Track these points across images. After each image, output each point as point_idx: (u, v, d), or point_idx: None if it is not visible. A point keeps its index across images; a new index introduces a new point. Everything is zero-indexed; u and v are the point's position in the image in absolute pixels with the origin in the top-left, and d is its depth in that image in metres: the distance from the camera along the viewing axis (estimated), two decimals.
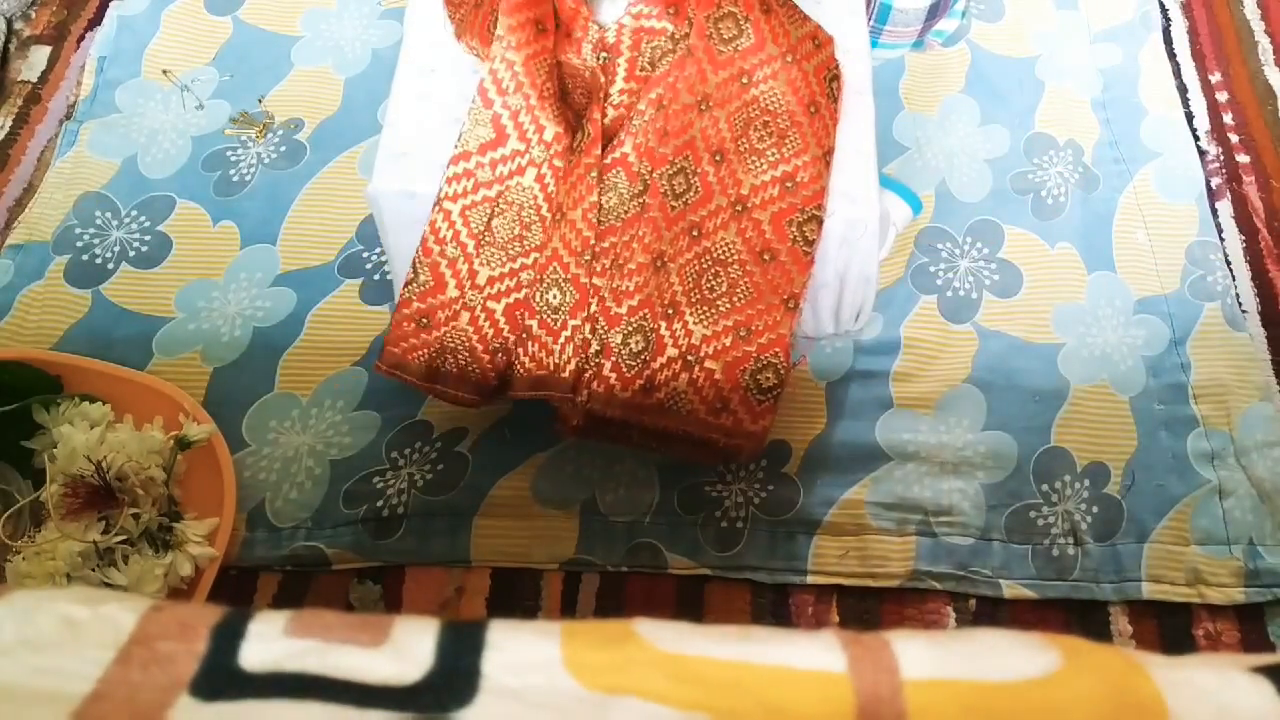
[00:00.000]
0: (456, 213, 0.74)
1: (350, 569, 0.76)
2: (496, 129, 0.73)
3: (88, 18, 1.06)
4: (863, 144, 0.77)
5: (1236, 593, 0.75)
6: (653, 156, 0.72)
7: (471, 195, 0.74)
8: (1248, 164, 0.96)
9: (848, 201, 0.74)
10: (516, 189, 0.74)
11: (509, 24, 0.71)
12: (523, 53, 0.71)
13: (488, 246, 0.74)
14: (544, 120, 0.72)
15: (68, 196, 0.92)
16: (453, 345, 0.74)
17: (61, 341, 0.84)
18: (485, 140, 0.73)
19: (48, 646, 0.32)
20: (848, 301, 0.81)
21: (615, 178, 0.72)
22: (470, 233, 0.74)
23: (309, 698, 0.31)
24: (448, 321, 0.74)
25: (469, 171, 0.73)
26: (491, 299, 0.74)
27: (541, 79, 0.72)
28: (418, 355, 0.74)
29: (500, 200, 0.73)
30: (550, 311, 0.72)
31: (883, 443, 0.81)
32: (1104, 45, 1.03)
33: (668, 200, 0.72)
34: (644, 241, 0.71)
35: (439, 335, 0.74)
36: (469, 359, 0.74)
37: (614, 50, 0.74)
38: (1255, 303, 0.88)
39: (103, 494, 0.70)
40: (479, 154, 0.73)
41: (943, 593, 0.76)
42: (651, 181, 0.72)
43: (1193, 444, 0.81)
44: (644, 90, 0.73)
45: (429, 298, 0.74)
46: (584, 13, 0.75)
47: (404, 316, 0.74)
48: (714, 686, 0.32)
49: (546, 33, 0.72)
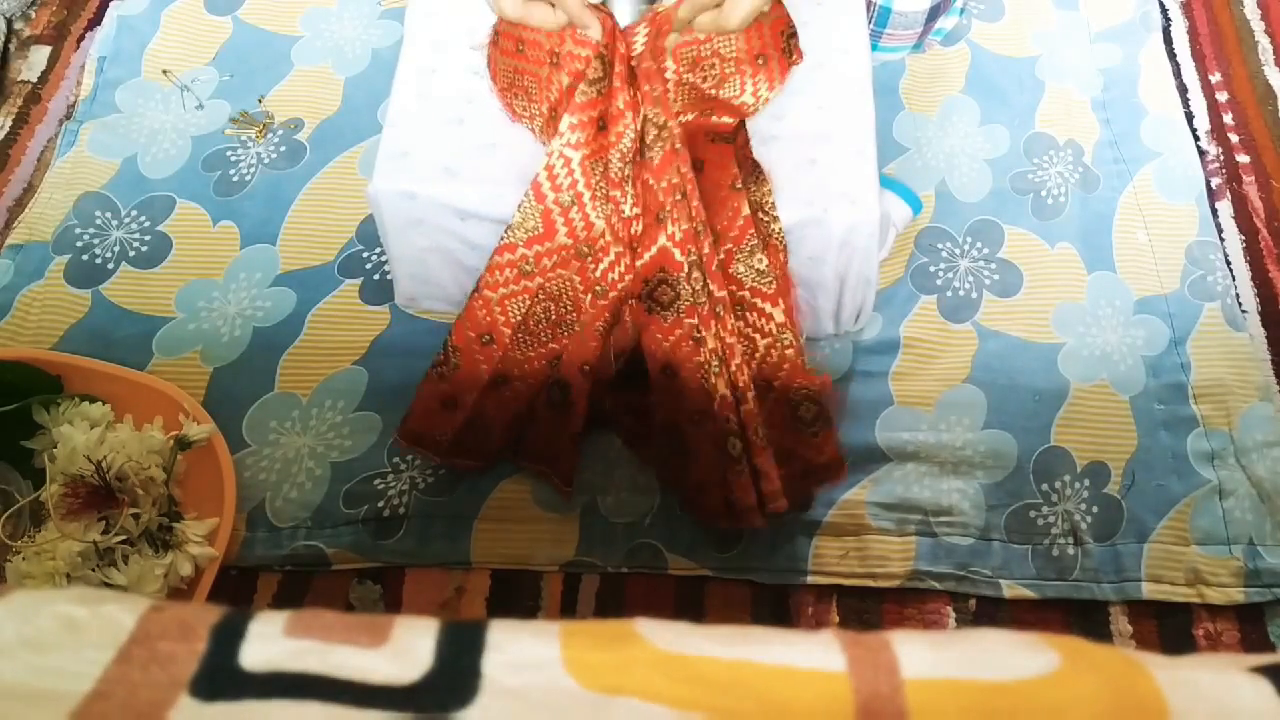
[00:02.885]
0: (496, 301, 0.75)
1: (350, 569, 0.76)
2: (546, 223, 0.73)
3: (88, 18, 1.06)
4: (863, 144, 0.77)
5: (1236, 593, 0.75)
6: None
7: (513, 285, 0.75)
8: (1248, 164, 0.96)
9: (848, 202, 0.74)
10: (557, 280, 0.75)
11: (572, 122, 0.71)
12: (580, 152, 0.71)
13: (522, 333, 0.76)
14: (594, 218, 0.73)
15: (68, 196, 0.92)
16: (476, 424, 0.76)
17: (61, 341, 0.84)
18: (534, 234, 0.73)
19: (47, 646, 0.32)
20: (848, 302, 0.81)
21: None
22: (508, 321, 0.75)
23: (309, 698, 0.31)
24: (474, 406, 0.75)
25: (513, 263, 0.74)
26: (519, 381, 0.75)
27: (596, 178, 0.72)
28: (441, 434, 0.76)
29: (540, 291, 0.75)
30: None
31: (882, 443, 0.81)
32: (1104, 45, 1.03)
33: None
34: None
35: (464, 416, 0.75)
36: (486, 436, 0.76)
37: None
38: (1255, 303, 0.88)
39: (103, 494, 0.70)
40: (525, 246, 0.74)
41: (943, 593, 0.76)
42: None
43: (1193, 444, 0.81)
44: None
45: (459, 381, 0.75)
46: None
47: (430, 395, 0.76)
48: (714, 686, 0.32)
49: (606, 130, 0.72)
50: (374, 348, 0.84)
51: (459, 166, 0.75)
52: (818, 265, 0.77)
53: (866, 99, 0.79)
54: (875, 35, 0.98)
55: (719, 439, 0.72)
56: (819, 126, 0.78)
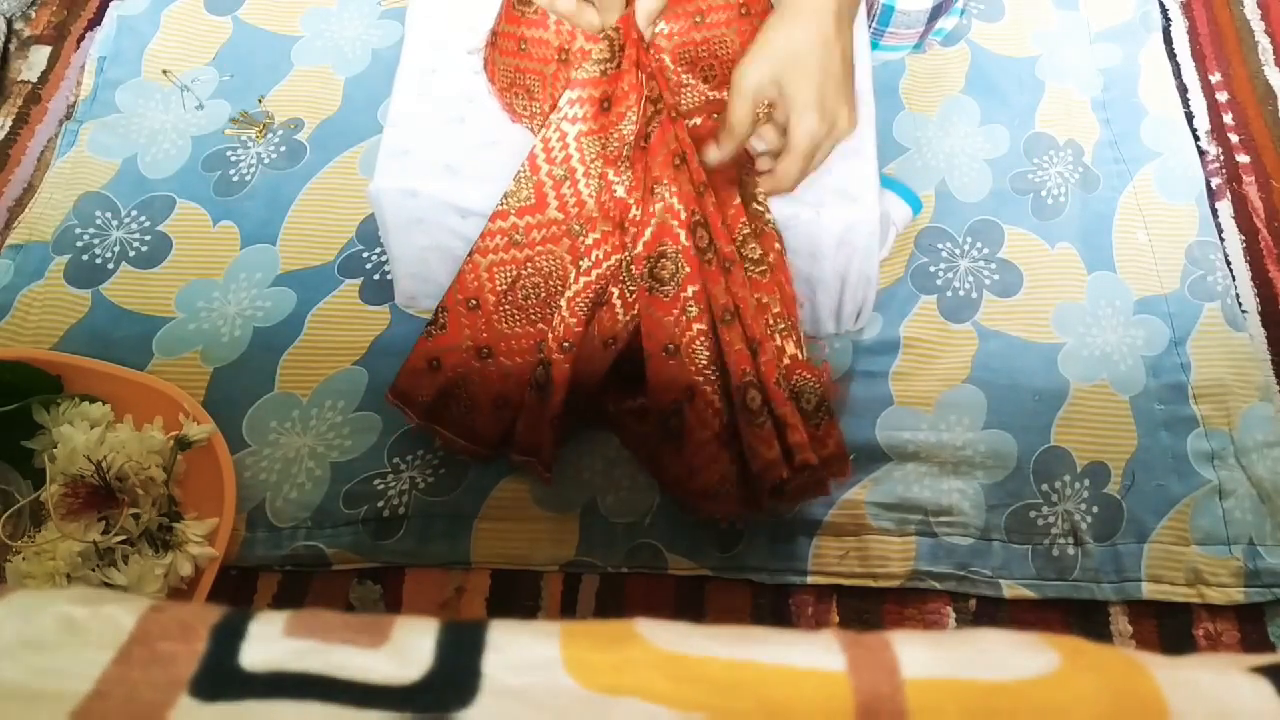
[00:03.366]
0: (484, 267, 0.74)
1: (350, 569, 0.76)
2: (538, 195, 0.73)
3: (88, 18, 1.06)
4: (863, 144, 0.77)
5: (1236, 593, 0.75)
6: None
7: (502, 253, 0.74)
8: (1248, 164, 0.96)
9: (848, 201, 0.74)
10: (547, 256, 0.74)
11: (571, 97, 0.71)
12: (577, 127, 0.71)
13: (508, 306, 0.74)
14: (586, 195, 0.72)
15: (68, 196, 0.92)
16: (456, 393, 0.75)
17: (61, 341, 0.84)
18: (525, 204, 0.73)
19: (47, 646, 0.32)
20: (848, 301, 0.81)
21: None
22: (494, 289, 0.74)
23: (309, 698, 0.31)
24: (455, 369, 0.75)
25: (504, 230, 0.74)
26: (504, 357, 0.75)
27: (591, 155, 0.71)
28: (423, 394, 0.75)
29: (528, 264, 0.74)
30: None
31: (883, 442, 0.81)
32: (1104, 45, 1.03)
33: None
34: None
35: (445, 378, 0.75)
36: (469, 408, 0.75)
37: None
38: (1255, 303, 0.88)
39: (103, 494, 0.70)
40: (516, 215, 0.73)
41: (943, 593, 0.76)
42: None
43: (1193, 444, 0.81)
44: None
45: (443, 344, 0.75)
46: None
47: (419, 354, 0.75)
48: (714, 687, 0.32)
49: (609, 111, 0.71)
50: (374, 348, 0.84)
51: (460, 164, 0.76)
52: (818, 263, 0.77)
53: (866, 98, 0.79)
54: (878, 34, 0.98)
55: (711, 416, 0.71)
56: None
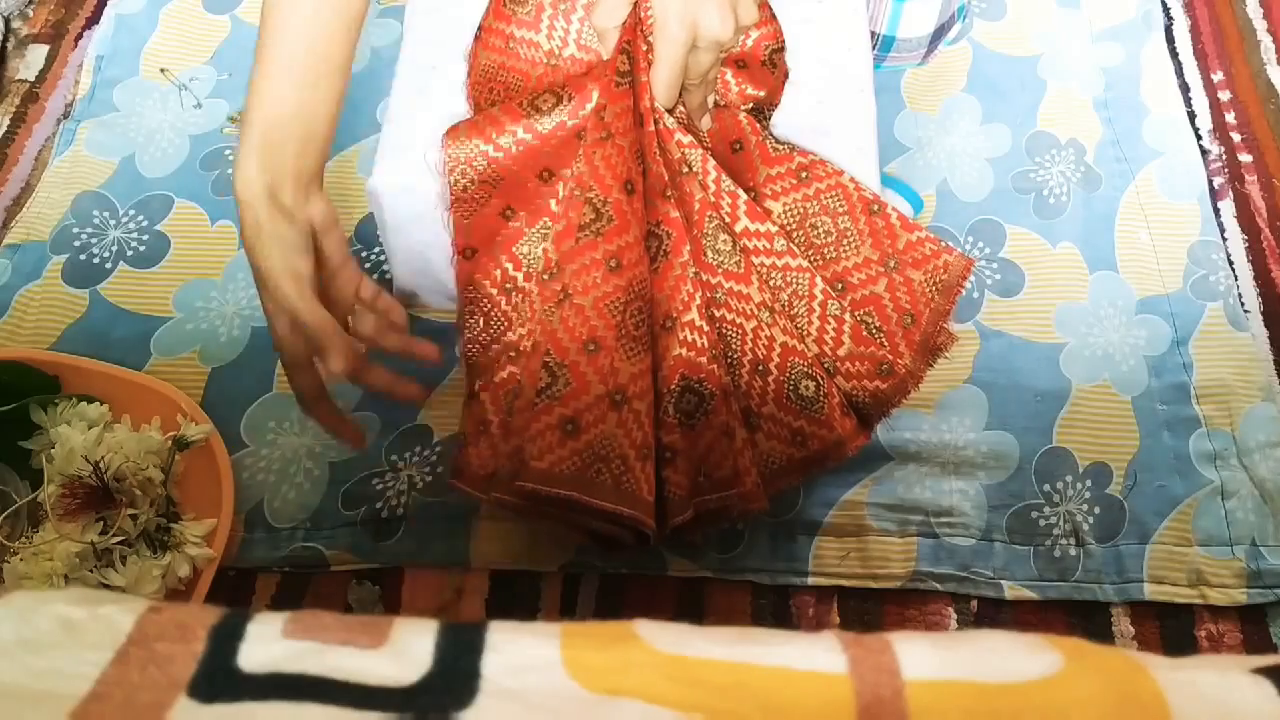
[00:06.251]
0: (589, 306, 0.65)
1: (349, 570, 0.76)
2: (619, 214, 0.68)
3: (85, 16, 1.06)
4: (864, 143, 0.77)
5: (1239, 594, 0.75)
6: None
7: (604, 286, 0.66)
8: (1250, 163, 0.96)
9: None
10: (641, 279, 0.68)
11: (614, 110, 0.69)
12: (626, 140, 0.69)
13: (625, 340, 0.66)
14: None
15: (65, 196, 0.91)
16: (605, 454, 0.64)
17: (59, 341, 0.84)
18: (611, 225, 0.67)
19: (45, 647, 0.32)
20: None
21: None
22: (608, 325, 0.65)
23: (307, 699, 0.31)
24: (593, 426, 0.64)
25: (597, 261, 0.67)
26: (636, 399, 0.65)
27: (636, 169, 0.69)
28: (564, 466, 0.64)
29: (630, 290, 0.67)
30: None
31: (883, 443, 0.80)
32: (1106, 44, 1.03)
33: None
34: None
35: (588, 442, 0.64)
36: (623, 468, 0.64)
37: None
38: (1258, 303, 0.88)
39: (100, 495, 0.70)
40: (606, 241, 0.67)
41: (944, 594, 0.76)
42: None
43: (1195, 444, 0.81)
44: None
45: (574, 400, 0.64)
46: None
47: (547, 426, 0.64)
48: (714, 688, 0.32)
49: (642, 126, 0.70)
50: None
51: None
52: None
53: (867, 95, 0.79)
54: (879, 59, 0.97)
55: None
56: (818, 121, 0.77)
